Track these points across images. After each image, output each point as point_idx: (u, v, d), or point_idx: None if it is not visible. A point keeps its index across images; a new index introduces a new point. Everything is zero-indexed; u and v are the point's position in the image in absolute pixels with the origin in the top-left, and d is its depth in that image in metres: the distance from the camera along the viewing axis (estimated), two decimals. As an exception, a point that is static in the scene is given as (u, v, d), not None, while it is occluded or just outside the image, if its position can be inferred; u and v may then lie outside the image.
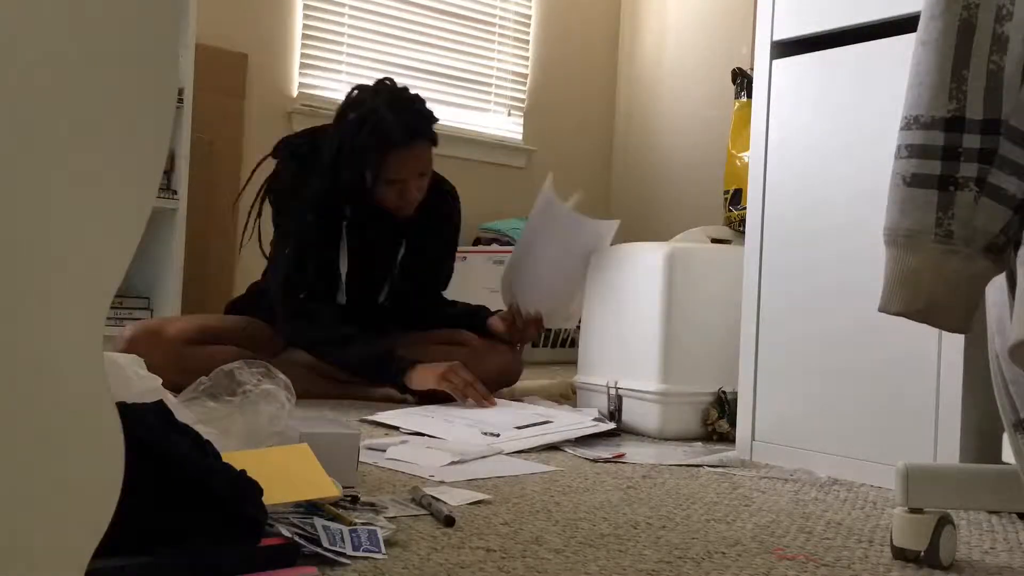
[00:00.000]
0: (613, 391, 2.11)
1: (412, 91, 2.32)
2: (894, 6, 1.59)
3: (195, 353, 2.19)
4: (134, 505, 0.66)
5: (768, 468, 1.71)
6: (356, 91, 2.30)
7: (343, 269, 2.36)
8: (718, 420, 2.00)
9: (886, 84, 1.61)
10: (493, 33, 4.51)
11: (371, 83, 2.31)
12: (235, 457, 1.02)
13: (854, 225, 1.65)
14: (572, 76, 4.75)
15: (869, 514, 1.38)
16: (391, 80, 2.32)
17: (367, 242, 2.40)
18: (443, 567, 1.00)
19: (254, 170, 2.39)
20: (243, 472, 0.98)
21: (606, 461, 1.70)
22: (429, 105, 2.32)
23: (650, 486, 1.51)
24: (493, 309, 2.57)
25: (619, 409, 2.10)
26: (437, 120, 2.32)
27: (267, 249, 2.40)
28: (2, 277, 0.49)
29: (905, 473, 1.11)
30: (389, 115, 2.20)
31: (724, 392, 2.00)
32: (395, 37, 4.16)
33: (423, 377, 2.17)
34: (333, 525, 1.04)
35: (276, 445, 1.33)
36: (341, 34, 4.02)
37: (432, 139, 2.30)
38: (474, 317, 2.56)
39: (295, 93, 3.86)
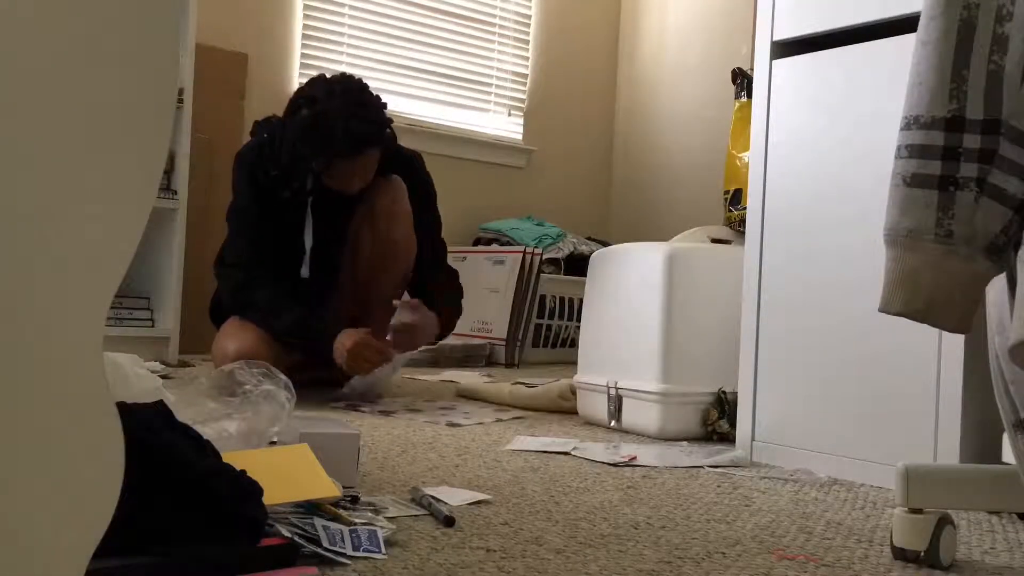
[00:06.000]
0: (613, 391, 2.11)
1: (375, 91, 2.33)
2: (893, 6, 1.59)
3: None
4: (134, 505, 0.66)
5: (768, 468, 1.71)
6: (313, 84, 2.31)
7: (308, 244, 2.40)
8: (718, 420, 2.00)
9: (886, 84, 1.61)
10: (493, 33, 4.51)
11: (334, 74, 2.35)
12: (235, 457, 1.02)
13: (854, 225, 1.65)
14: (572, 76, 4.75)
15: (869, 514, 1.38)
16: (351, 77, 2.33)
17: (331, 218, 2.44)
18: (443, 567, 1.00)
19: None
20: (243, 472, 0.98)
21: (615, 465, 1.68)
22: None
23: (650, 486, 1.51)
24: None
25: (619, 409, 2.10)
26: (391, 122, 2.34)
27: None
28: (2, 277, 0.49)
29: (905, 473, 1.11)
30: (339, 123, 2.19)
31: (724, 392, 2.00)
32: (395, 37, 4.16)
33: (339, 346, 2.22)
34: (333, 525, 1.04)
35: (276, 445, 1.33)
36: (341, 34, 4.02)
37: (382, 144, 2.31)
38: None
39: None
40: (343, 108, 2.22)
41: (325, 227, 2.44)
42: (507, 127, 4.58)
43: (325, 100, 2.23)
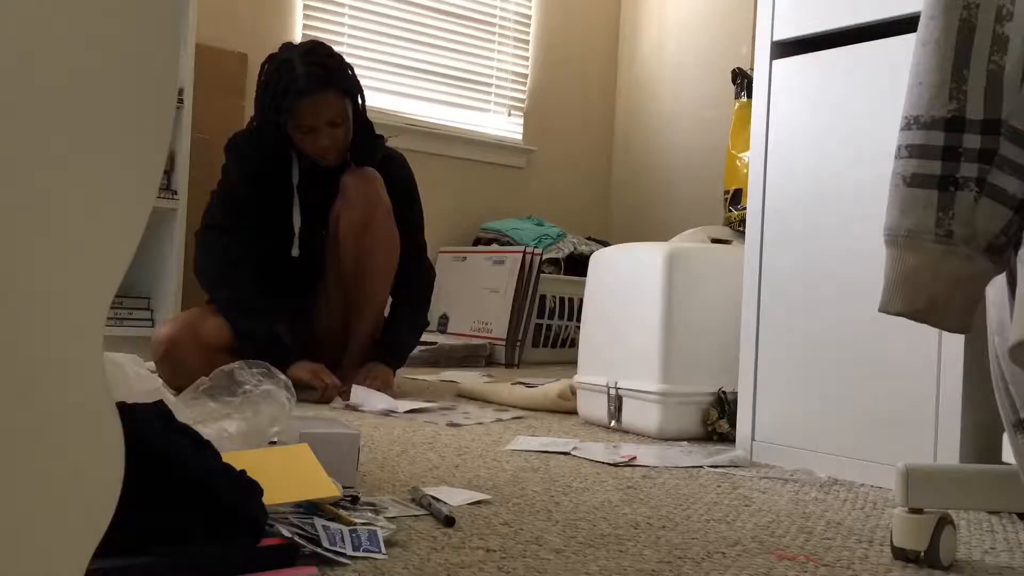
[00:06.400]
0: (613, 391, 2.11)
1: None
2: (893, 6, 1.59)
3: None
4: (134, 505, 0.66)
5: (768, 468, 1.71)
6: (281, 46, 2.49)
7: (296, 224, 2.50)
8: (718, 420, 2.00)
9: (886, 84, 1.61)
10: (493, 33, 4.51)
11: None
12: (235, 457, 1.02)
13: (854, 225, 1.65)
14: (572, 76, 4.75)
15: (869, 514, 1.38)
16: (316, 39, 2.54)
17: (318, 198, 2.51)
18: (443, 567, 1.00)
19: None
20: (243, 472, 0.98)
21: (615, 465, 1.68)
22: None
23: (650, 486, 1.51)
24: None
25: (619, 409, 2.10)
26: (350, 73, 2.46)
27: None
28: (2, 277, 0.49)
29: (905, 473, 1.11)
30: (300, 66, 2.37)
31: (724, 392, 2.00)
32: (395, 37, 4.16)
33: (298, 372, 2.30)
34: (333, 525, 1.04)
35: (276, 445, 1.33)
36: (341, 34, 4.02)
37: (343, 89, 2.42)
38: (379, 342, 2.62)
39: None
40: (305, 54, 2.40)
41: (312, 207, 2.51)
42: (507, 127, 4.59)
43: (283, 53, 2.42)
